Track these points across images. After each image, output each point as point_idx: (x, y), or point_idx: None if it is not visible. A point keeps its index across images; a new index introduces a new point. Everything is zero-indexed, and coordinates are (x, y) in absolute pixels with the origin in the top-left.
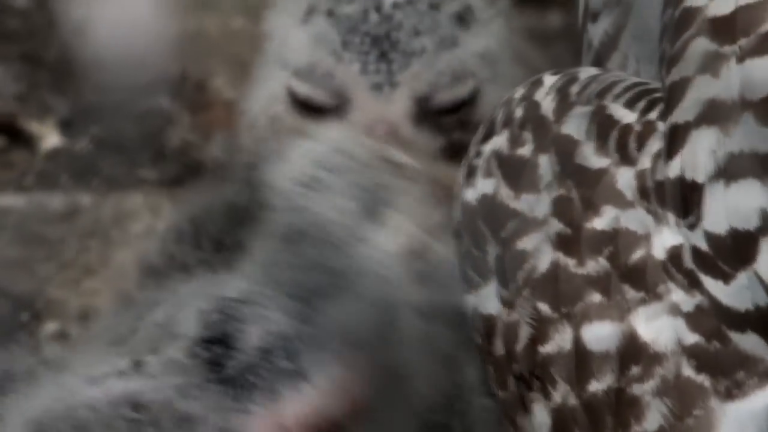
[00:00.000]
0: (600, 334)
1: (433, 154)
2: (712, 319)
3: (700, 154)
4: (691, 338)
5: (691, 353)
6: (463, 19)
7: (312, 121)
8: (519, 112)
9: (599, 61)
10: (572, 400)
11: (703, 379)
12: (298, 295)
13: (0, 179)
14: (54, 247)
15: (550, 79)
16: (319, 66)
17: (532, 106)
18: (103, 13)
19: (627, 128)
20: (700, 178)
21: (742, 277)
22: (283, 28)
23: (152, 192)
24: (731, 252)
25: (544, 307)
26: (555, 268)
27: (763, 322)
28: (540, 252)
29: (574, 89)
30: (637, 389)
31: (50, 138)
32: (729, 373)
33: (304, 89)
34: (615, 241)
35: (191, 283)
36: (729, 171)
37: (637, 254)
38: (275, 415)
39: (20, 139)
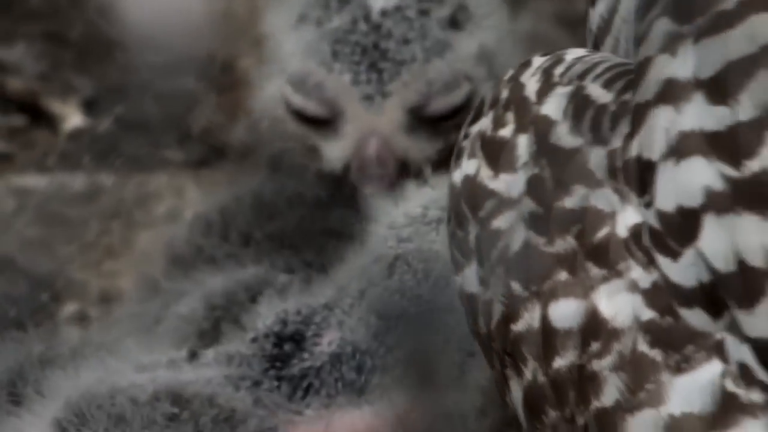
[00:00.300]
0: (564, 312)
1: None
2: (665, 296)
3: (655, 132)
4: (647, 314)
5: (646, 329)
6: (456, 21)
7: (309, 129)
8: (505, 93)
9: (596, 46)
10: (540, 377)
11: (656, 354)
12: (384, 316)
13: (22, 159)
14: (75, 228)
15: (538, 61)
16: (311, 76)
17: (517, 87)
18: None
19: (602, 108)
20: (655, 156)
21: (689, 254)
22: (277, 32)
23: (176, 173)
24: (678, 230)
25: (515, 286)
26: (527, 246)
27: (707, 299)
28: (514, 231)
29: (559, 70)
30: (596, 365)
31: (73, 118)
32: (679, 347)
33: (297, 100)
34: (583, 219)
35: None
36: (679, 149)
37: (602, 232)
38: (326, 423)
39: (42, 118)
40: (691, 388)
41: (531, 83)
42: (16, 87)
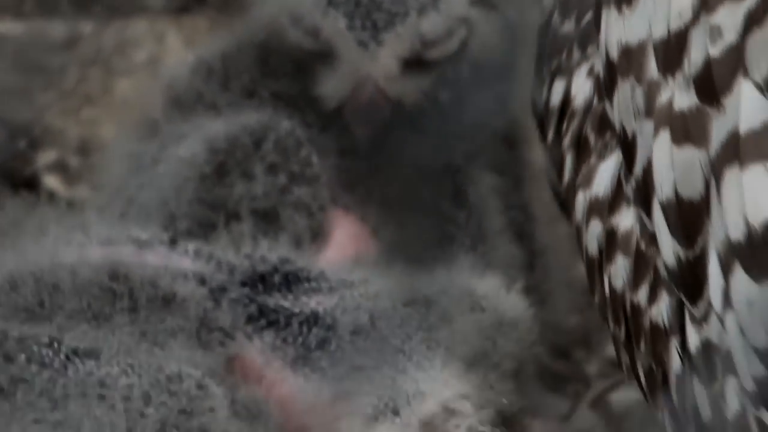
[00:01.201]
0: (556, 89)
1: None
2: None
3: None
4: (594, 99)
5: (592, 112)
6: None
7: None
8: None
9: None
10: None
11: (592, 138)
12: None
13: None
14: (53, 75)
15: None
16: (307, 17)
17: None
18: None
19: None
20: None
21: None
22: None
23: (156, 19)
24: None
25: (546, 62)
26: (553, 26)
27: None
28: (552, 12)
29: None
30: (564, 142)
31: None
32: (603, 133)
33: (293, 35)
34: (581, 5)
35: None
36: None
37: (587, 18)
38: (251, 355)
39: None
40: (604, 174)
41: None
42: None
